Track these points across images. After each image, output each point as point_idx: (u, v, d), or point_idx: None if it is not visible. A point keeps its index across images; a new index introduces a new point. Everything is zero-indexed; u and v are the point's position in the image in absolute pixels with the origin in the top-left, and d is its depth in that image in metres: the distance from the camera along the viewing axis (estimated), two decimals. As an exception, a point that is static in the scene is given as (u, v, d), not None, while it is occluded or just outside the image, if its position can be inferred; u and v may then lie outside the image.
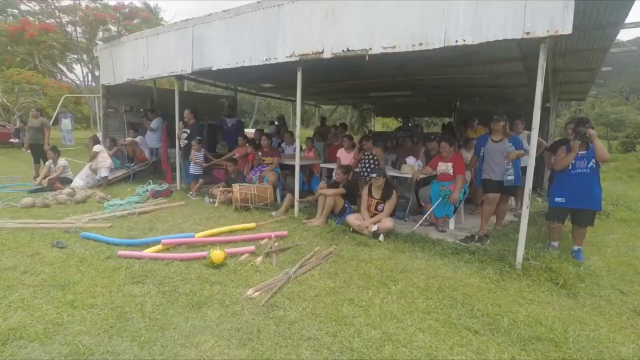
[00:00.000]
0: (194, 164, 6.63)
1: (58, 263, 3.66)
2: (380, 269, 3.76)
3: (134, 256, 3.85)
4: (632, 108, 30.08)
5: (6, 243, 4.14)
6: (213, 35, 5.91)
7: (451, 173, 4.98)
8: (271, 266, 3.78)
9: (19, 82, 19.21)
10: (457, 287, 3.44)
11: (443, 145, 5.02)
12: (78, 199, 6.11)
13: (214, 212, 5.71)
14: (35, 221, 4.94)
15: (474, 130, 8.13)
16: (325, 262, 3.92)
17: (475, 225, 5.27)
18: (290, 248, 4.27)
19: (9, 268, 3.48)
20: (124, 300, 2.96)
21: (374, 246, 4.39)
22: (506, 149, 4.66)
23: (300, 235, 4.74)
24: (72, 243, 4.24)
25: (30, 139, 8.24)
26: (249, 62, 5.46)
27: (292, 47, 4.97)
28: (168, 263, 3.74)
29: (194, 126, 7.00)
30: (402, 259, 4.05)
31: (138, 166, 8.07)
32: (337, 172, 5.20)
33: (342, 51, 4.56)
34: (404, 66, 7.72)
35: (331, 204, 5.01)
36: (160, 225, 5.01)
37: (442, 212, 4.89)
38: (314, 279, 3.50)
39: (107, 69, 8.06)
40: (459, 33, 3.75)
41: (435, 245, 4.36)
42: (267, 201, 5.69)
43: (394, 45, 4.16)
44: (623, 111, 27.34)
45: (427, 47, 3.94)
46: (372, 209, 4.80)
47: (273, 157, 6.38)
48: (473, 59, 6.77)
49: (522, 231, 3.75)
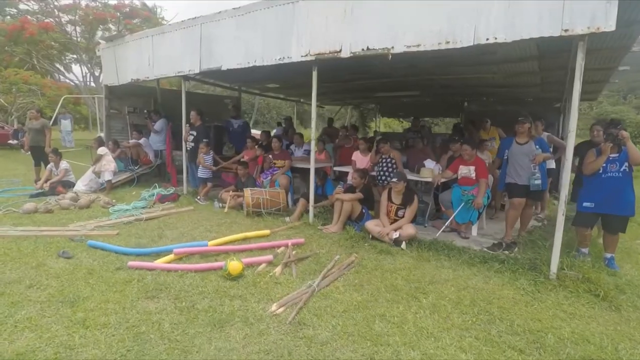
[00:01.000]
0: (203, 167, 6.40)
1: (65, 275, 3.43)
2: (407, 280, 3.56)
3: (145, 267, 3.63)
4: (629, 107, 30.04)
5: (9, 253, 3.91)
6: (222, 34, 5.69)
7: (473, 177, 4.78)
8: (291, 277, 3.57)
9: (16, 83, 18.92)
10: (491, 299, 3.24)
11: (464, 148, 4.83)
12: (82, 204, 5.88)
13: (225, 217, 5.49)
14: (38, 229, 4.71)
15: (487, 131, 7.93)
16: (347, 272, 3.72)
17: (498, 231, 5.08)
18: (309, 257, 4.06)
19: (13, 281, 3.26)
20: (139, 318, 2.74)
21: (397, 254, 4.18)
22: (532, 151, 4.47)
23: (318, 242, 4.53)
24: (78, 252, 4.02)
25: (30, 140, 7.99)
26: (261, 62, 5.24)
27: (308, 46, 4.75)
28: (182, 274, 3.52)
29: (200, 128, 6.77)
30: (428, 268, 3.85)
31: (142, 169, 7.83)
32: (353, 176, 4.99)
33: (361, 50, 4.35)
34: (415, 66, 7.52)
35: (348, 210, 4.80)
36: (169, 233, 4.79)
37: (465, 218, 4.69)
38: (339, 292, 3.29)
39: (110, 69, 7.82)
40: (490, 30, 3.55)
41: (462, 254, 4.16)
42: (280, 206, 5.48)
43: (418, 43, 3.95)
44: (623, 111, 27.30)
45: (455, 45, 3.74)
46: (392, 215, 4.59)
47: (284, 160, 6.16)
48: (488, 58, 6.57)
49: (556, 239, 3.55)
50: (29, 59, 18.45)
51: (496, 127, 7.97)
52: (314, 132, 5.13)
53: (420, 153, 6.97)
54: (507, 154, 4.65)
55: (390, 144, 5.40)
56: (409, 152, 7.69)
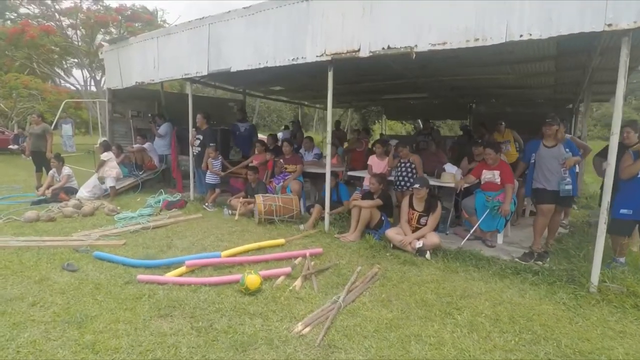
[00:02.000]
0: (211, 172, 6.15)
1: (70, 291, 3.19)
2: (437, 294, 3.32)
3: (156, 281, 3.38)
4: (629, 109, 29.89)
5: (10, 266, 3.67)
6: (232, 34, 5.47)
7: (497, 182, 4.55)
8: (313, 291, 3.33)
9: (17, 87, 18.71)
10: (532, 316, 2.99)
11: (488, 152, 4.60)
12: (85, 212, 5.64)
13: (235, 225, 5.24)
14: (40, 239, 4.47)
15: (501, 133, 7.71)
16: (372, 285, 3.48)
17: (523, 238, 4.84)
18: (329, 268, 3.82)
19: (15, 298, 3.01)
20: (154, 341, 2.49)
21: (422, 265, 3.94)
22: (562, 155, 4.23)
23: (336, 252, 4.29)
24: (83, 265, 3.78)
25: (31, 146, 7.76)
26: (272, 63, 5.02)
27: (323, 45, 4.54)
28: (196, 289, 3.28)
29: (207, 131, 6.54)
30: (457, 281, 3.61)
31: (147, 174, 7.59)
32: (371, 181, 4.76)
33: (381, 49, 4.13)
34: (426, 66, 7.32)
35: (367, 217, 4.56)
36: (178, 242, 4.55)
37: (491, 226, 4.45)
38: (367, 308, 3.05)
39: (114, 72, 7.61)
40: (524, 26, 3.33)
41: (491, 264, 3.92)
42: (293, 213, 5.24)
43: (444, 41, 3.73)
44: (626, 112, 27.13)
45: (485, 42, 3.52)
46: (414, 223, 4.36)
47: (296, 164, 5.92)
48: (505, 57, 6.37)
49: (597, 249, 3.32)
50: (30, 63, 18.25)
51: (511, 130, 7.76)
52: (329, 136, 4.89)
53: (433, 156, 6.73)
54: (534, 157, 4.42)
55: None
56: (421, 155, 7.46)
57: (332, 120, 5.19)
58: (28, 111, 23.52)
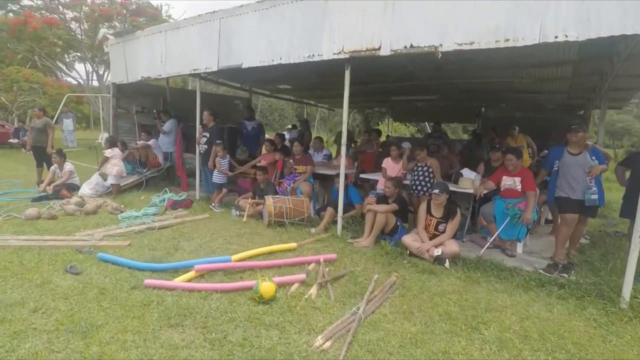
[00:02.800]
0: (218, 171, 5.96)
1: (74, 296, 3.01)
2: (460, 307, 3.15)
3: (164, 286, 3.21)
4: (630, 116, 29.70)
5: (10, 267, 3.48)
6: (244, 29, 5.29)
7: (518, 189, 4.38)
8: (329, 301, 3.15)
9: (18, 81, 18.48)
10: (562, 333, 2.82)
11: (509, 157, 4.42)
12: (88, 210, 5.45)
13: (244, 227, 5.06)
14: (42, 238, 4.29)
15: (515, 138, 7.54)
16: (391, 295, 3.30)
17: (543, 247, 4.68)
18: (344, 276, 3.64)
19: (15, 304, 2.83)
20: (165, 354, 2.32)
21: (441, 274, 3.76)
22: (588, 163, 4.06)
23: (350, 258, 4.12)
24: (87, 267, 3.59)
25: (32, 140, 7.57)
26: (287, 60, 4.84)
27: (341, 42, 4.36)
28: (206, 296, 3.11)
29: (214, 129, 6.34)
30: (480, 292, 3.44)
31: (151, 172, 7.40)
32: (386, 185, 4.59)
33: (403, 48, 3.95)
34: (441, 68, 7.15)
35: (382, 223, 4.39)
36: (186, 244, 4.37)
37: (512, 234, 4.28)
38: (388, 321, 2.88)
39: (119, 66, 7.41)
40: (559, 27, 3.15)
41: (514, 275, 3.74)
42: (304, 216, 5.06)
43: (471, 41, 3.56)
44: (629, 120, 26.94)
45: (516, 43, 3.34)
46: (431, 229, 4.19)
47: (306, 165, 5.73)
48: (522, 61, 6.21)
49: (630, 265, 3.14)
50: (32, 56, 18.02)
51: (524, 135, 7.59)
52: (345, 137, 4.71)
53: (444, 160, 6.58)
54: (557, 165, 4.25)
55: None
56: (432, 159, 7.30)
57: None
58: (28, 105, 23.32)
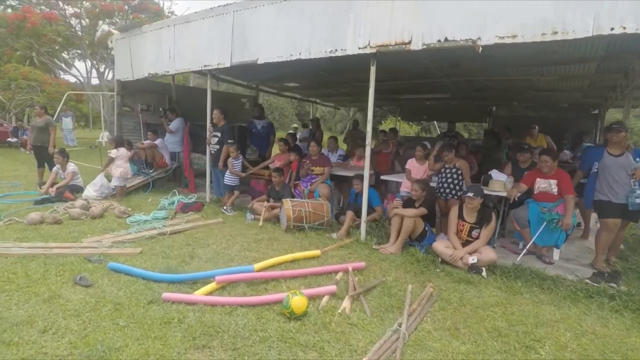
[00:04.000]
0: (230, 173, 5.68)
1: (86, 313, 2.73)
2: (508, 321, 2.89)
3: (184, 300, 2.94)
4: (630, 116, 29.66)
5: (14, 279, 3.20)
6: (260, 23, 5.01)
7: (554, 192, 4.12)
8: (365, 315, 2.89)
9: (16, 79, 18.10)
10: (625, 352, 2.58)
11: (544, 159, 4.17)
12: (94, 214, 5.16)
13: (261, 232, 4.79)
14: (47, 245, 4.00)
15: (534, 138, 7.30)
16: (431, 308, 3.04)
17: (578, 254, 4.43)
18: (376, 286, 3.38)
19: (22, 323, 2.55)
20: (195, 384, 2.05)
21: (479, 284, 3.51)
22: (631, 164, 3.82)
23: (379, 266, 3.85)
24: (98, 278, 3.32)
25: (33, 139, 7.26)
26: (307, 55, 4.57)
27: (367, 36, 4.09)
28: (231, 311, 2.84)
29: (225, 128, 6.05)
30: (525, 304, 3.18)
31: (158, 173, 7.12)
32: (413, 187, 4.33)
33: (437, 42, 3.69)
34: (458, 65, 6.90)
35: (410, 228, 4.13)
36: (201, 251, 4.09)
37: (549, 240, 4.02)
38: (434, 339, 2.62)
39: (124, 62, 7.12)
40: (616, 18, 2.90)
41: (557, 285, 3.49)
42: (324, 220, 4.79)
43: (514, 34, 3.30)
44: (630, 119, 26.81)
45: (565, 36, 3.09)
46: (464, 235, 3.93)
47: (324, 166, 5.46)
48: (544, 58, 5.96)
49: (692, 275, 2.89)
50: (31, 53, 17.65)
51: (544, 135, 7.34)
52: (369, 137, 4.44)
53: (463, 161, 6.32)
54: (597, 167, 4.00)
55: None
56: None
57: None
58: (26, 103, 22.91)
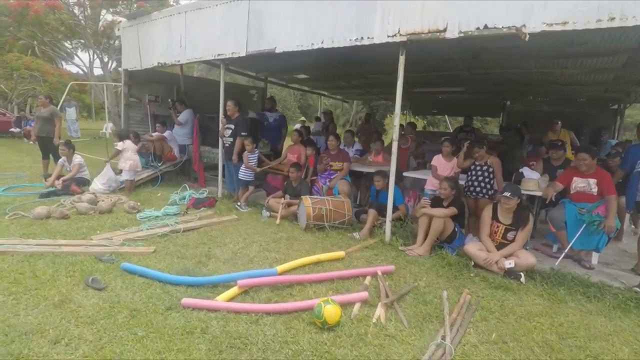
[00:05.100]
0: (245, 167, 5.42)
1: (101, 320, 2.50)
2: (558, 334, 2.66)
3: (205, 307, 2.71)
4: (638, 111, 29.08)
5: (22, 280, 2.98)
6: (278, 10, 4.72)
7: (593, 192, 3.87)
8: (402, 326, 2.66)
9: (18, 68, 17.81)
10: (692, 371, 2.34)
11: (583, 157, 3.90)
12: (103, 208, 4.93)
13: (279, 231, 4.55)
14: (55, 242, 3.78)
15: (556, 133, 7.02)
16: (472, 318, 2.81)
17: (617, 258, 4.19)
18: (408, 292, 3.15)
19: (32, 332, 2.33)
20: (228, 407, 1.83)
21: (518, 291, 3.27)
22: (680, 163, 3.56)
23: (408, 270, 3.62)
24: (110, 280, 3.10)
25: (38, 130, 7.03)
26: (329, 44, 4.29)
27: (397, 24, 3.81)
28: (257, 319, 2.61)
29: (239, 120, 5.78)
30: (572, 314, 2.94)
31: (166, 166, 6.87)
32: (442, 185, 4.08)
33: (475, 29, 3.41)
34: (479, 57, 6.61)
35: (440, 229, 3.89)
36: (218, 251, 3.86)
37: (589, 244, 3.78)
38: (481, 354, 2.39)
39: (132, 51, 6.84)
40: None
41: (603, 293, 3.25)
42: (345, 219, 4.55)
43: (564, 20, 3.02)
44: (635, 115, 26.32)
45: (625, 23, 2.81)
46: (498, 237, 3.68)
47: (343, 161, 5.21)
48: (572, 50, 5.67)
49: None
50: (32, 42, 17.31)
51: (568, 130, 7.06)
52: (397, 132, 4.18)
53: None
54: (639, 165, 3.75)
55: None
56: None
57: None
58: (29, 93, 22.64)
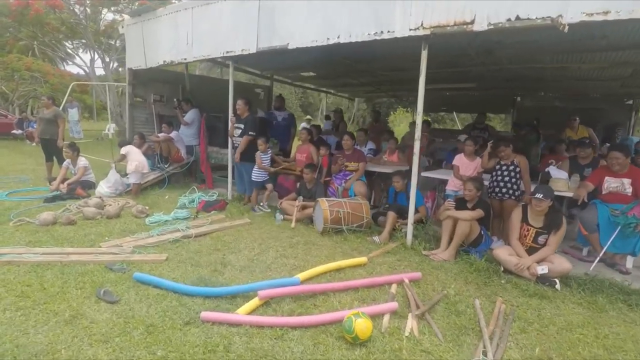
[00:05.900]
0: (258, 168, 5.24)
1: (116, 337, 2.32)
2: (605, 348, 2.47)
3: (226, 321, 2.53)
4: None
5: (29, 293, 2.80)
6: (290, 4, 4.53)
7: (627, 193, 3.68)
8: (437, 339, 2.48)
9: (19, 69, 17.63)
10: None
11: (615, 155, 3.71)
12: (110, 213, 4.75)
13: (294, 235, 4.37)
14: (63, 251, 3.60)
15: (575, 130, 6.84)
16: (510, 330, 2.62)
17: (650, 260, 3.98)
18: (438, 301, 2.97)
19: (42, 352, 2.15)
20: None
21: (554, 299, 3.08)
22: None
23: (435, 276, 3.43)
24: (123, 291, 2.92)
25: (41, 132, 6.86)
26: (346, 38, 4.10)
27: (420, 16, 3.61)
28: (281, 334, 2.43)
29: (249, 120, 5.59)
30: (615, 325, 2.75)
31: (173, 167, 6.70)
32: (467, 187, 3.89)
33: (506, 20, 3.21)
34: (493, 52, 6.40)
35: (466, 232, 3.70)
36: (233, 258, 3.68)
37: (624, 247, 3.59)
38: (527, 373, 2.20)
39: (136, 49, 6.65)
40: None
41: (646, 301, 3.06)
42: (363, 222, 4.37)
43: (606, 9, 2.82)
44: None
45: (674, 10, 2.61)
46: (528, 241, 3.49)
47: (358, 161, 5.02)
48: (591, 44, 5.45)
49: None
50: (33, 43, 17.13)
51: (586, 127, 6.86)
52: (419, 131, 3.98)
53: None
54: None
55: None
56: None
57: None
58: (30, 94, 22.45)
